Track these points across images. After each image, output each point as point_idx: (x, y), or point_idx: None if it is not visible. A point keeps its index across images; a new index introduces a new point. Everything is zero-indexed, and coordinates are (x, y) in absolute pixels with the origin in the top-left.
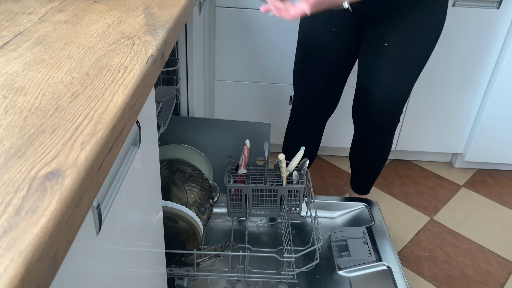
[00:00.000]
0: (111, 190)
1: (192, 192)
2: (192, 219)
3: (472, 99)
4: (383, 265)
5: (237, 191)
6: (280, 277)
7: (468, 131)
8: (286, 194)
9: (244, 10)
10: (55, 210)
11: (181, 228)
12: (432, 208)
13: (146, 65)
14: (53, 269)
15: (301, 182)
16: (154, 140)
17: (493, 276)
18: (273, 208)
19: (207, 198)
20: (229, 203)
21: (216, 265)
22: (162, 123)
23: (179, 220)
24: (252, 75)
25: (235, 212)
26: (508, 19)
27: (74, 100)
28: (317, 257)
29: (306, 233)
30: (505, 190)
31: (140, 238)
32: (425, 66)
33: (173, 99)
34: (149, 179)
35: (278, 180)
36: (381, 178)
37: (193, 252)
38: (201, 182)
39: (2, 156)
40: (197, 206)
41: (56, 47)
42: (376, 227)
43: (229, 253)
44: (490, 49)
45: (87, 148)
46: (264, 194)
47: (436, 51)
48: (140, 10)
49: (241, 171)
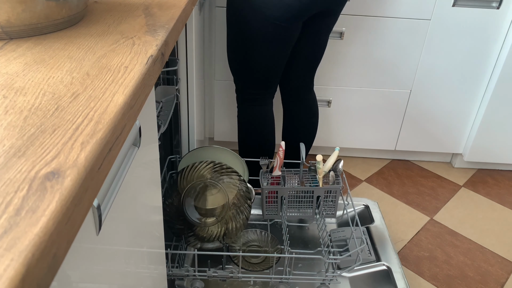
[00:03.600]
0: (111, 190)
1: (232, 193)
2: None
3: (472, 99)
4: (383, 265)
5: (272, 193)
6: (324, 279)
7: (468, 131)
8: (323, 195)
9: None
10: (55, 210)
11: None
12: (432, 208)
13: (146, 65)
14: (53, 269)
15: (337, 183)
16: (154, 140)
17: (493, 276)
18: (309, 209)
19: (245, 199)
20: (264, 205)
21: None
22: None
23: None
24: None
25: (270, 214)
26: (508, 19)
27: (74, 100)
28: (358, 259)
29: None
30: (505, 190)
31: (140, 238)
32: (425, 66)
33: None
34: (149, 179)
35: (313, 181)
36: (381, 178)
37: (239, 254)
38: (239, 183)
39: (2, 156)
40: (237, 206)
41: (56, 47)
42: (376, 227)
43: (274, 254)
44: (490, 49)
45: (87, 148)
46: (300, 196)
47: (436, 51)
48: (140, 10)
49: (276, 173)
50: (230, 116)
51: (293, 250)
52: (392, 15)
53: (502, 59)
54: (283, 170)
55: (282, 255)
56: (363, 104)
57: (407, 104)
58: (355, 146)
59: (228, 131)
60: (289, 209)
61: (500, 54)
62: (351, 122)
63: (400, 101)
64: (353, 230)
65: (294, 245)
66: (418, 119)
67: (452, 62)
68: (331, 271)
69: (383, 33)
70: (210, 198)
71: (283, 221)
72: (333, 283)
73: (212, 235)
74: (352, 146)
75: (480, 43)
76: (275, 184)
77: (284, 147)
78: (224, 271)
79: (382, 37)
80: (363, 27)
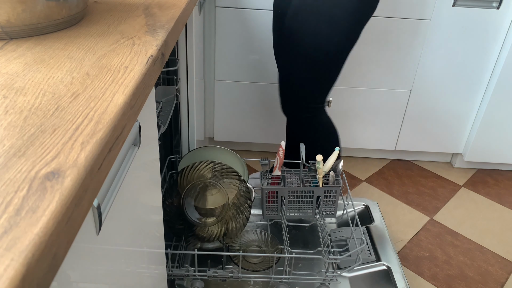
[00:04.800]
0: (111, 190)
1: (232, 193)
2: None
3: (472, 99)
4: (383, 265)
5: (272, 193)
6: (324, 279)
7: (468, 131)
8: (323, 195)
9: (244, 10)
10: (55, 210)
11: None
12: (432, 208)
13: (146, 65)
14: (53, 269)
15: (337, 183)
16: (154, 140)
17: (493, 276)
18: (309, 209)
19: (245, 199)
20: (264, 205)
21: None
22: (162, 123)
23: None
24: (252, 75)
25: (270, 214)
26: (508, 19)
27: (74, 100)
28: (358, 259)
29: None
30: (505, 190)
31: (140, 238)
32: (425, 66)
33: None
34: (149, 179)
35: (313, 181)
36: (381, 178)
37: (239, 254)
38: (239, 183)
39: (3, 156)
40: (237, 206)
41: (56, 47)
42: (376, 227)
43: (274, 254)
44: (490, 49)
45: (87, 148)
46: (300, 196)
47: (436, 51)
48: (140, 10)
49: (276, 173)
50: (230, 116)
51: (293, 250)
52: (392, 15)
53: (502, 59)
54: (283, 170)
55: (282, 255)
56: (363, 104)
57: (407, 104)
58: (355, 146)
59: (228, 131)
60: (289, 209)
61: (500, 54)
62: (351, 122)
63: (400, 101)
64: (353, 230)
65: (294, 245)
66: (418, 119)
67: (452, 62)
68: (331, 271)
69: (383, 33)
70: (210, 198)
71: (283, 221)
72: (333, 283)
73: (212, 235)
74: (352, 146)
75: (480, 43)
76: (275, 184)
77: (284, 147)
78: (224, 271)
79: (382, 37)
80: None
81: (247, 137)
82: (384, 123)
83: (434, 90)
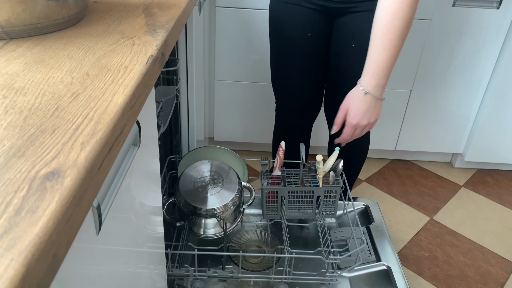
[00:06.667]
0: (111, 190)
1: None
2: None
3: (472, 99)
4: (383, 265)
5: (272, 193)
6: (324, 279)
7: (468, 131)
8: (323, 195)
9: (244, 10)
10: (55, 210)
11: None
12: (432, 208)
13: (146, 65)
14: (53, 269)
15: (337, 183)
16: (154, 140)
17: (493, 276)
18: (309, 209)
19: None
20: (264, 205)
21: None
22: (162, 123)
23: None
24: (252, 75)
25: (270, 214)
26: (508, 19)
27: (74, 100)
28: (358, 259)
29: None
30: (505, 190)
31: (140, 238)
32: (425, 66)
33: (173, 99)
34: (149, 179)
35: (313, 181)
36: (381, 178)
37: (239, 254)
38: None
39: (2, 156)
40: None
41: (56, 47)
42: (376, 227)
43: (274, 254)
44: (490, 49)
45: (87, 148)
46: (300, 196)
47: (436, 51)
48: (140, 10)
49: (276, 173)
50: (230, 116)
51: (293, 250)
52: None
53: (502, 59)
54: (283, 170)
55: (282, 255)
56: None
57: (407, 104)
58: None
59: (228, 131)
60: (289, 209)
61: (500, 54)
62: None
63: (400, 101)
64: (353, 230)
65: (294, 245)
66: (418, 119)
67: (452, 62)
68: (331, 271)
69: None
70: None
71: (283, 221)
72: (333, 283)
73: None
74: None
75: (480, 43)
76: (275, 184)
77: (284, 147)
78: (224, 271)
79: None
80: None
81: (247, 137)
82: (384, 123)
83: (434, 90)
